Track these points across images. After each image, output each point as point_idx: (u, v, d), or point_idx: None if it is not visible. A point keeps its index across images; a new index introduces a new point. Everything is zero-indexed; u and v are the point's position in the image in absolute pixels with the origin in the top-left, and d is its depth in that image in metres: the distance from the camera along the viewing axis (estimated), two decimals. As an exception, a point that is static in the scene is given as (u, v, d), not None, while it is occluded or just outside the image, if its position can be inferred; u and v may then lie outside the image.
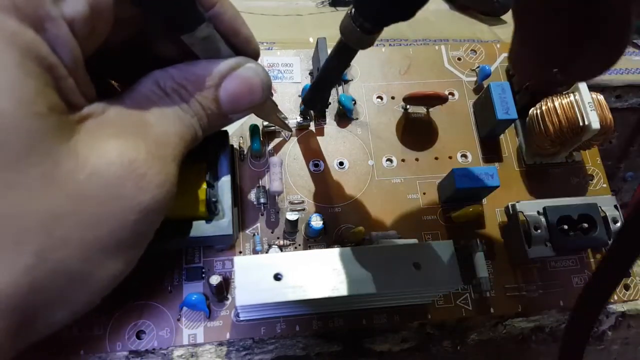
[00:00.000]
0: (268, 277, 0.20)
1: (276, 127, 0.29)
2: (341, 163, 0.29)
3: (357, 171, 0.29)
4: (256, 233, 0.27)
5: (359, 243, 0.27)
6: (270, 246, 0.26)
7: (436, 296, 0.26)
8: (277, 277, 0.21)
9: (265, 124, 0.29)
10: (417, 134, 0.31)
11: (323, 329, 0.25)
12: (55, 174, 0.14)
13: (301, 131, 0.30)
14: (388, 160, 0.30)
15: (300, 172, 0.29)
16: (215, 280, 0.24)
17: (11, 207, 0.13)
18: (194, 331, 0.24)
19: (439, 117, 0.31)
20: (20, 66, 0.13)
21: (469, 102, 0.32)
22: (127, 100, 0.17)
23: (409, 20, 0.18)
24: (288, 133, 0.30)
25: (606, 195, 0.30)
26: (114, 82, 0.22)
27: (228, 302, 0.25)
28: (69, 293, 0.15)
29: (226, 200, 0.24)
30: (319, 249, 0.23)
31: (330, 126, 0.30)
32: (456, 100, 0.32)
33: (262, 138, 0.29)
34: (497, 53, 0.34)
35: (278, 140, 0.29)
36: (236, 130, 0.29)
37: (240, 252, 0.26)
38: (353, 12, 0.19)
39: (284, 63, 0.32)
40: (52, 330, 0.15)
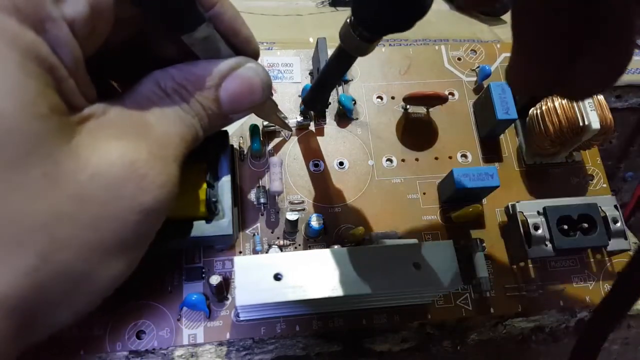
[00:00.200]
0: (268, 277, 0.20)
1: (276, 127, 0.29)
2: (341, 163, 0.29)
3: (357, 171, 0.29)
4: (256, 233, 0.27)
5: (359, 243, 0.27)
6: (270, 246, 0.26)
7: (436, 296, 0.26)
8: (277, 277, 0.21)
9: (265, 124, 0.29)
10: (417, 134, 0.31)
11: (323, 329, 0.25)
12: (56, 175, 0.14)
13: (301, 131, 0.30)
14: (388, 160, 0.30)
15: (300, 172, 0.29)
16: (215, 280, 0.24)
17: (13, 208, 0.13)
18: (194, 331, 0.24)
19: (439, 117, 0.31)
20: (21, 67, 0.13)
21: (469, 102, 0.32)
22: (128, 100, 0.17)
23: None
24: (288, 133, 0.30)
25: (606, 195, 0.30)
26: (115, 83, 0.22)
27: (228, 302, 0.25)
28: (71, 294, 0.15)
29: (226, 200, 0.24)
30: (319, 249, 0.23)
31: (330, 126, 0.30)
32: (456, 100, 0.32)
33: (262, 138, 0.29)
34: (497, 53, 0.34)
35: (278, 140, 0.29)
36: (236, 130, 0.29)
37: (240, 252, 0.26)
38: (352, 20, 0.19)
39: (284, 63, 0.32)
40: (54, 331, 0.15)
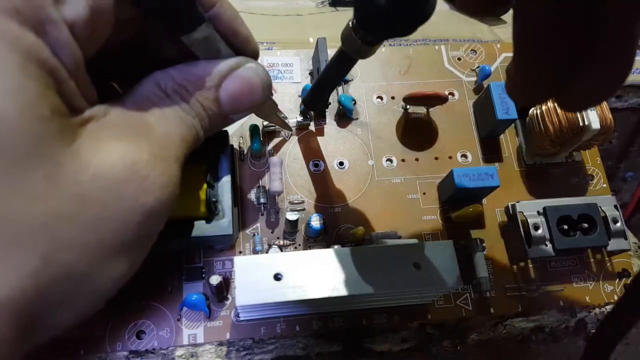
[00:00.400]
0: (268, 277, 0.21)
1: (276, 127, 0.29)
2: (341, 163, 0.29)
3: (357, 171, 0.29)
4: (256, 233, 0.27)
5: (359, 243, 0.27)
6: (270, 246, 0.26)
7: (436, 296, 0.26)
8: (277, 277, 0.21)
9: (265, 124, 0.29)
10: (417, 134, 0.31)
11: (323, 329, 0.25)
12: (57, 176, 0.14)
13: (301, 131, 0.30)
14: (388, 160, 0.30)
15: (300, 172, 0.29)
16: (215, 280, 0.24)
17: (15, 210, 0.13)
18: (194, 331, 0.25)
19: (439, 117, 0.31)
20: (21, 69, 0.13)
21: (469, 102, 0.32)
22: (129, 102, 0.17)
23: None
24: (288, 133, 0.30)
25: (606, 195, 0.30)
26: (115, 84, 0.22)
27: (228, 302, 0.25)
28: (73, 295, 0.15)
29: (226, 200, 0.24)
30: (319, 249, 0.23)
31: (330, 126, 0.30)
32: (456, 100, 0.32)
33: (262, 138, 0.29)
34: (497, 53, 0.34)
35: (278, 140, 0.29)
36: (236, 130, 0.29)
37: (240, 252, 0.26)
38: (354, 24, 0.19)
39: (284, 63, 0.32)
40: (57, 332, 0.15)
